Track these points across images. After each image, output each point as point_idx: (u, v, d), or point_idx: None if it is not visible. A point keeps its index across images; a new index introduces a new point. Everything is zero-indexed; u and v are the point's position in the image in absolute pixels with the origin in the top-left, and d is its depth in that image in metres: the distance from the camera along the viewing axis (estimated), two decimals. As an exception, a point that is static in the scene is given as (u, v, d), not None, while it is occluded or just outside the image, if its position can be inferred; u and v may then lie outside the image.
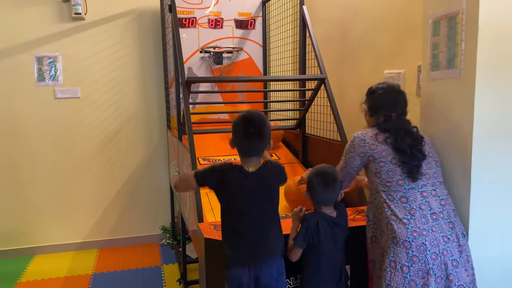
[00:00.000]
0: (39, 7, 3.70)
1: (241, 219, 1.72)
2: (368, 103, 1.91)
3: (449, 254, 1.57)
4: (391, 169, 1.70)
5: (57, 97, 3.82)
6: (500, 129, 1.64)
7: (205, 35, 3.85)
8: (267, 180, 1.74)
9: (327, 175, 1.83)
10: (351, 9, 3.00)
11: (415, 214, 1.61)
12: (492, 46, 1.58)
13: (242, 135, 1.70)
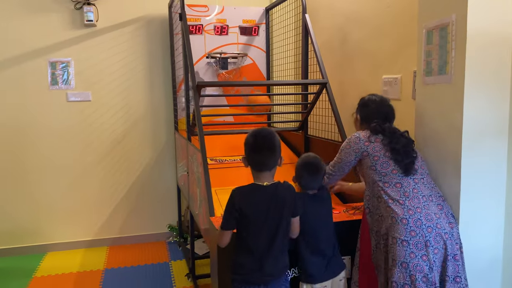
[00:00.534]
0: (53, 14, 3.87)
1: (256, 237, 1.78)
2: (361, 114, 2.12)
3: (442, 227, 1.76)
4: (385, 161, 1.89)
5: (69, 100, 3.99)
6: (487, 128, 1.81)
7: (211, 41, 4.03)
8: (281, 195, 1.81)
9: (312, 164, 2.03)
10: (351, 18, 3.17)
11: (409, 195, 1.81)
12: (478, 54, 1.75)
13: (254, 150, 1.81)
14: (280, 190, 1.82)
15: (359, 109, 2.15)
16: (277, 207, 1.80)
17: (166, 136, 4.29)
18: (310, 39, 3.08)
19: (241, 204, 1.77)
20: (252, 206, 1.78)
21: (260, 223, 1.78)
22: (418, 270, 1.70)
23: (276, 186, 1.82)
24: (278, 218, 1.80)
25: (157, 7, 4.08)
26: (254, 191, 1.81)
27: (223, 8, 4.04)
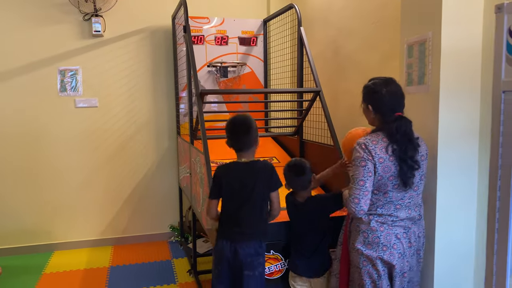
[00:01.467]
0: (62, 25, 4.10)
1: (231, 202, 2.15)
2: (371, 103, 1.99)
3: (398, 248, 1.90)
4: (385, 183, 1.90)
5: (77, 107, 4.21)
6: (460, 132, 2.04)
7: (212, 51, 4.26)
8: (256, 169, 2.15)
9: (297, 167, 2.29)
10: (343, 31, 3.42)
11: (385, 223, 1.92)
12: (452, 66, 1.98)
13: (232, 133, 2.16)
14: (256, 165, 2.16)
15: (368, 98, 2.01)
16: (252, 179, 2.13)
17: (169, 141, 4.50)
18: (305, 50, 3.31)
19: (221, 176, 2.16)
20: (229, 178, 2.14)
21: (236, 191, 2.13)
22: (368, 276, 1.93)
23: (254, 163, 2.17)
24: (251, 188, 2.12)
25: (161, 19, 4.31)
26: (232, 165, 2.19)
27: (223, 20, 4.28)
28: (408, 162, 1.88)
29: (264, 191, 2.16)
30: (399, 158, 1.88)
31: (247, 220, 2.14)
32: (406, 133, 1.90)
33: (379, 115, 1.98)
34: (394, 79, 2.01)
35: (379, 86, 1.97)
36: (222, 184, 2.16)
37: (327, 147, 3.09)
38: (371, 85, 2.01)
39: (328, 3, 3.66)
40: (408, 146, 1.89)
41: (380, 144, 1.91)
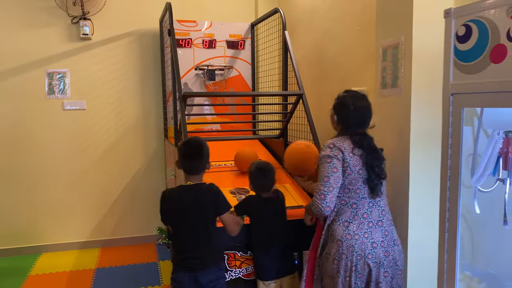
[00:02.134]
0: (51, 28, 4.13)
1: (180, 228, 2.11)
2: (338, 115, 2.04)
3: (373, 257, 1.89)
4: (355, 178, 1.91)
5: (65, 109, 4.23)
6: (429, 134, 2.07)
7: (200, 54, 4.29)
8: (201, 194, 2.10)
9: (264, 169, 2.32)
10: (326, 34, 3.45)
11: (357, 219, 1.91)
12: (422, 70, 2.01)
13: (184, 158, 2.14)
14: (200, 188, 2.13)
15: (336, 109, 2.06)
16: (196, 202, 2.09)
17: (157, 143, 4.53)
18: (289, 54, 3.35)
19: (165, 201, 2.15)
20: (173, 203, 2.12)
21: (181, 216, 2.10)
22: (342, 285, 1.92)
23: (198, 186, 2.13)
24: (197, 212, 2.08)
25: (149, 22, 4.34)
26: (177, 190, 2.18)
27: (211, 24, 4.32)
28: (376, 170, 1.92)
29: (210, 215, 2.11)
30: (366, 164, 1.91)
31: (201, 248, 2.09)
32: (369, 145, 1.95)
33: (340, 125, 2.05)
34: (366, 96, 2.04)
35: (349, 101, 2.00)
36: (166, 211, 2.15)
37: (310, 149, 3.12)
38: (342, 98, 2.05)
39: (312, 6, 3.70)
40: (374, 155, 1.93)
41: (347, 142, 1.95)
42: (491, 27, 0.98)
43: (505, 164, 1.07)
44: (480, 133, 1.17)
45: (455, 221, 1.08)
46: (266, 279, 2.24)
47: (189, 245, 2.10)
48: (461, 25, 1.07)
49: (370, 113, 2.02)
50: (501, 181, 1.10)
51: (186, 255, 2.10)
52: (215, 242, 2.14)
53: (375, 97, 2.36)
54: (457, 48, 1.08)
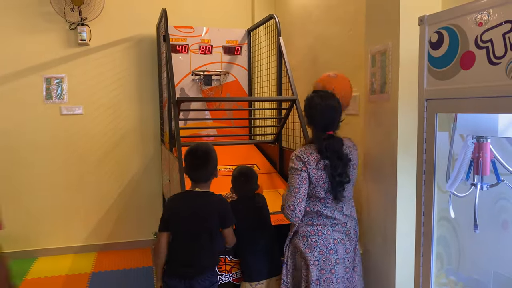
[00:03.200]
0: (49, 34, 4.17)
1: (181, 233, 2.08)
2: (308, 116, 2.09)
3: (334, 253, 2.01)
4: (319, 188, 2.00)
5: (62, 114, 4.26)
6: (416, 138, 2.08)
7: (196, 60, 4.33)
8: (212, 203, 2.10)
9: (246, 173, 2.34)
10: (319, 38, 3.47)
11: (321, 219, 2.04)
12: (408, 77, 2.02)
13: (190, 168, 2.12)
14: (211, 198, 2.12)
15: (305, 110, 2.11)
16: (204, 210, 2.08)
17: (154, 148, 4.55)
18: (283, 60, 3.37)
19: (171, 206, 2.12)
20: (179, 207, 2.10)
21: (185, 222, 2.07)
22: (305, 280, 2.01)
23: (209, 194, 2.12)
24: (203, 218, 2.08)
25: (146, 28, 4.38)
26: (183, 195, 2.16)
27: (207, 30, 4.35)
28: (337, 179, 1.98)
29: (216, 226, 2.10)
30: (330, 174, 1.98)
31: (201, 256, 2.08)
32: (335, 151, 2.00)
33: (311, 126, 2.10)
34: (334, 95, 2.07)
35: (316, 102, 2.04)
36: (171, 215, 2.10)
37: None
38: (309, 99, 2.09)
39: (307, 12, 3.72)
40: (338, 164, 1.99)
41: (313, 156, 2.00)
42: (461, 34, 1.00)
43: (476, 169, 1.08)
44: (458, 139, 1.18)
45: (429, 225, 1.09)
46: (253, 280, 2.25)
47: (187, 253, 2.07)
48: (434, 32, 1.09)
49: (338, 112, 2.05)
50: (474, 185, 1.11)
51: (184, 262, 2.07)
52: (216, 251, 2.15)
53: (364, 102, 2.38)
54: (430, 54, 1.10)
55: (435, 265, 1.80)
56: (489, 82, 0.92)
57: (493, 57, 0.91)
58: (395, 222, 2.11)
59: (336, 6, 3.21)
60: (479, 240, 1.53)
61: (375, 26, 2.23)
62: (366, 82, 2.33)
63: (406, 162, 2.07)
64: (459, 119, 1.07)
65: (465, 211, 1.53)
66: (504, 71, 0.89)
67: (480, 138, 1.03)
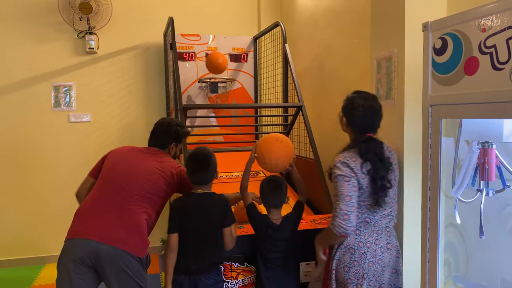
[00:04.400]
0: (57, 42, 4.23)
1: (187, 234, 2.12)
2: (348, 118, 2.00)
3: (382, 262, 1.94)
4: (367, 196, 1.91)
5: (70, 121, 4.31)
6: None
7: (203, 67, 4.35)
8: (212, 203, 2.15)
9: (276, 182, 2.29)
10: (326, 47, 3.49)
11: (368, 227, 1.94)
12: (414, 83, 2.03)
13: (192, 172, 2.18)
14: (212, 198, 2.18)
15: (345, 111, 2.02)
16: (206, 210, 2.14)
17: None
18: (289, 67, 3.39)
19: (177, 207, 2.17)
20: (184, 209, 2.16)
21: (191, 223, 2.13)
22: None
23: (209, 195, 2.19)
24: (206, 219, 2.13)
25: (153, 36, 4.43)
26: (187, 197, 2.22)
27: (214, 37, 4.38)
28: (379, 183, 1.89)
29: (218, 224, 2.16)
30: (371, 177, 1.89)
31: (204, 253, 2.14)
32: (376, 153, 1.91)
33: (350, 128, 2.02)
34: (376, 97, 2.02)
35: (359, 103, 1.96)
36: (178, 216, 2.16)
37: (310, 160, 3.14)
38: (351, 99, 2.00)
39: (313, 20, 3.74)
40: (379, 166, 1.90)
41: (359, 160, 1.91)
42: (464, 40, 1.00)
43: (482, 174, 1.08)
44: (464, 144, 1.18)
45: (435, 231, 1.09)
46: None
47: (193, 251, 2.13)
48: (438, 38, 1.09)
49: (380, 115, 1.99)
50: (480, 191, 1.10)
51: (189, 261, 2.13)
52: (220, 251, 2.19)
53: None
54: (434, 60, 1.10)
55: (443, 272, 1.79)
56: (493, 88, 0.92)
57: (497, 62, 0.91)
58: (402, 228, 2.10)
59: (341, 14, 3.22)
60: (487, 246, 1.52)
61: (380, 32, 2.24)
62: (372, 89, 2.33)
63: (412, 168, 2.07)
64: (464, 124, 1.07)
65: (472, 218, 1.53)
66: (507, 76, 0.89)
67: (485, 144, 1.03)
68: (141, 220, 2.16)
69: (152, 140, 2.45)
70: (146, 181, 2.20)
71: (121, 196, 2.17)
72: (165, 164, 2.28)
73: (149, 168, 2.24)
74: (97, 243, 2.07)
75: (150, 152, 2.38)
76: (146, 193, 2.19)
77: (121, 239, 2.09)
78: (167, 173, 2.24)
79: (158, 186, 2.21)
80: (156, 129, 2.46)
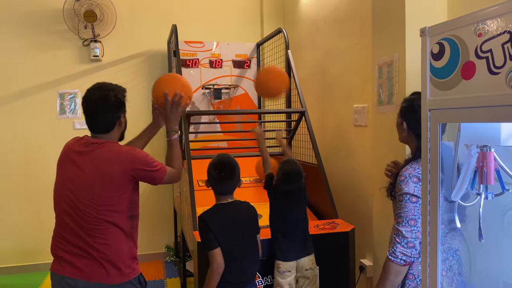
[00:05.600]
0: (63, 50, 4.28)
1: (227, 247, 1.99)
2: (407, 120, 1.77)
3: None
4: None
5: (75, 128, 4.35)
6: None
7: (206, 74, 4.39)
8: (245, 211, 2.10)
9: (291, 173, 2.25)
10: (328, 53, 3.50)
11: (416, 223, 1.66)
12: (415, 87, 2.03)
13: (217, 182, 2.07)
14: (242, 206, 2.12)
15: (405, 114, 1.78)
16: (241, 219, 2.08)
17: (164, 162, 4.58)
18: (292, 73, 3.41)
19: (211, 221, 2.00)
20: (220, 222, 2.02)
21: (230, 235, 2.01)
22: None
23: (238, 203, 2.11)
24: (242, 229, 2.07)
25: (157, 43, 4.47)
26: (218, 208, 2.08)
27: (217, 44, 4.42)
28: None
29: (253, 232, 2.11)
30: None
31: (249, 263, 2.07)
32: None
33: (412, 135, 1.75)
34: None
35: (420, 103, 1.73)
36: (216, 230, 1.99)
37: (313, 166, 3.14)
38: (411, 101, 1.76)
39: (315, 26, 3.77)
40: None
41: None
42: (461, 44, 1.01)
43: (480, 178, 1.08)
44: (463, 148, 1.19)
45: (435, 235, 1.09)
46: (287, 259, 2.23)
47: (240, 262, 2.01)
48: (435, 43, 1.10)
49: None
50: (479, 195, 1.11)
51: (237, 272, 2.00)
52: (258, 259, 2.15)
53: (372, 114, 2.39)
54: (432, 65, 1.11)
55: (446, 277, 1.78)
56: (489, 92, 0.93)
57: (493, 67, 0.92)
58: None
59: (343, 20, 3.24)
60: (489, 251, 1.52)
61: (381, 38, 2.25)
62: (373, 94, 2.34)
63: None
64: (463, 128, 1.08)
65: (475, 223, 1.52)
66: (504, 80, 0.90)
67: (484, 147, 1.04)
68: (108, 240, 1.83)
69: (94, 125, 1.97)
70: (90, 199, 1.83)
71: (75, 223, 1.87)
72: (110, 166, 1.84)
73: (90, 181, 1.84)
74: (73, 279, 1.83)
75: (89, 149, 1.91)
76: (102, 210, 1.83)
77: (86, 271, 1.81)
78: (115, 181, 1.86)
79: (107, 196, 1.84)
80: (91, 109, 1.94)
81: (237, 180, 2.09)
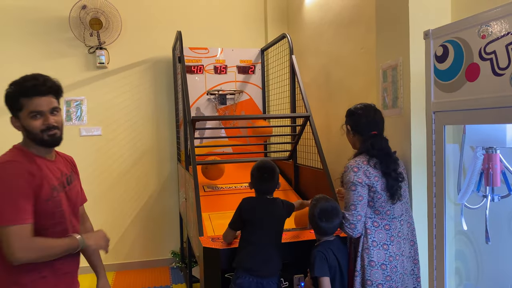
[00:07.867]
0: (69, 58, 4.32)
1: (259, 235, 2.18)
2: (351, 123, 2.09)
3: (407, 269, 1.97)
4: (384, 200, 1.91)
5: (81, 135, 4.37)
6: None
7: (211, 80, 4.40)
8: (281, 206, 2.28)
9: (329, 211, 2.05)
10: (332, 58, 3.51)
11: (394, 240, 1.93)
12: (420, 91, 2.03)
13: (259, 182, 2.28)
14: (278, 201, 2.28)
15: (348, 119, 2.12)
16: (277, 213, 2.24)
17: (170, 167, 4.61)
18: (296, 78, 3.41)
19: (248, 208, 2.23)
20: (256, 210, 2.22)
21: (263, 225, 2.20)
22: None
23: (275, 199, 2.30)
24: (277, 221, 2.23)
25: (162, 50, 4.50)
26: (257, 200, 2.29)
27: (222, 50, 4.44)
28: (392, 175, 1.91)
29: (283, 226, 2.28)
30: (383, 172, 1.91)
31: (275, 255, 2.18)
32: (382, 148, 1.96)
33: (357, 135, 2.06)
34: (374, 105, 2.10)
35: (357, 109, 2.08)
36: (247, 216, 2.21)
37: (318, 170, 3.13)
38: (351, 108, 2.13)
39: (319, 31, 3.78)
40: (388, 160, 1.94)
41: (371, 163, 1.93)
42: (465, 47, 1.01)
43: (486, 180, 1.08)
44: (468, 150, 1.18)
45: (441, 238, 1.09)
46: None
47: (265, 251, 2.16)
48: (439, 45, 1.10)
49: (381, 117, 2.05)
50: (485, 197, 1.10)
51: (259, 262, 2.14)
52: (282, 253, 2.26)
53: (377, 118, 2.38)
54: (436, 67, 1.11)
55: (454, 280, 1.77)
56: (494, 93, 0.93)
57: (497, 68, 0.92)
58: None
59: (347, 25, 3.25)
60: (497, 254, 1.51)
61: (385, 42, 2.26)
62: (378, 98, 2.34)
63: (420, 175, 2.06)
64: (468, 130, 1.07)
65: (481, 225, 1.51)
66: (508, 82, 0.90)
67: (489, 149, 1.03)
68: None
69: None
70: None
71: None
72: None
73: None
74: None
75: None
76: None
77: None
78: None
79: None
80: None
81: (276, 181, 2.29)
